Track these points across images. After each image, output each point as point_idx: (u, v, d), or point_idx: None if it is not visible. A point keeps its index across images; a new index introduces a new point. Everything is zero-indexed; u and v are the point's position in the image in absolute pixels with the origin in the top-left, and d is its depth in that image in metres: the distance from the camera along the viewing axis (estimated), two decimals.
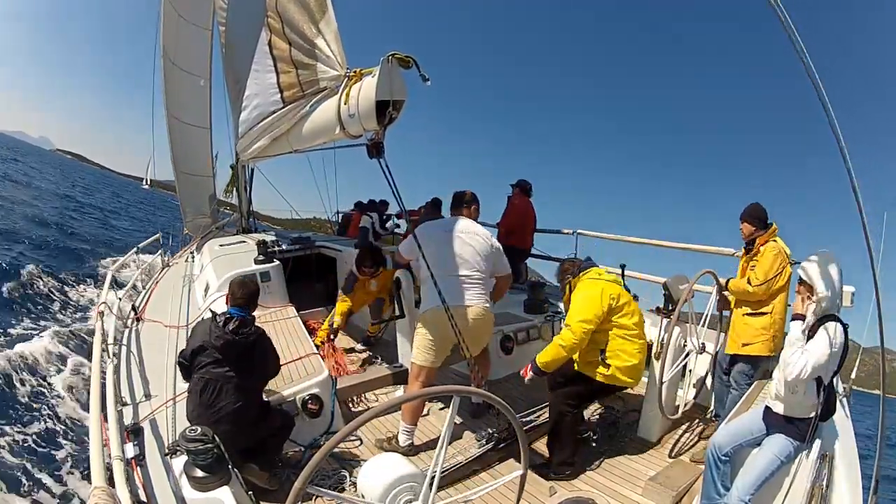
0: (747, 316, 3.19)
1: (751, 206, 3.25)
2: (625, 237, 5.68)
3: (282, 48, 3.25)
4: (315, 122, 3.12)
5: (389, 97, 2.47)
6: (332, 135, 2.96)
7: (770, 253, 3.10)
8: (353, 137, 2.81)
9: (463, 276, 3.00)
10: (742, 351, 3.14)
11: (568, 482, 2.91)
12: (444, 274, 2.91)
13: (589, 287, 3.03)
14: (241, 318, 2.57)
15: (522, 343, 4.41)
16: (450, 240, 3.06)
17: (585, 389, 3.07)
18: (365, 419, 1.53)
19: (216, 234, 7.63)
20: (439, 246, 3.02)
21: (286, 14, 3.13)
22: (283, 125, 3.45)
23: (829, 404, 2.27)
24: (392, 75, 2.46)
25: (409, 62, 2.43)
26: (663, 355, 3.20)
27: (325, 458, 1.43)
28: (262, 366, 2.66)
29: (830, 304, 2.25)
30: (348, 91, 2.70)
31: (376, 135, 2.58)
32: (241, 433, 2.47)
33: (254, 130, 3.83)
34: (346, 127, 2.76)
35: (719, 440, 2.48)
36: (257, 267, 4.70)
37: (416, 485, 1.79)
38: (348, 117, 2.70)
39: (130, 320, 4.43)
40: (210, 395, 2.46)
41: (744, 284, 3.16)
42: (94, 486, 1.70)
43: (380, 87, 2.45)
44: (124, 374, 3.27)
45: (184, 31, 7.08)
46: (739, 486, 2.25)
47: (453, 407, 1.68)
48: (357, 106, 2.61)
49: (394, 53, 2.43)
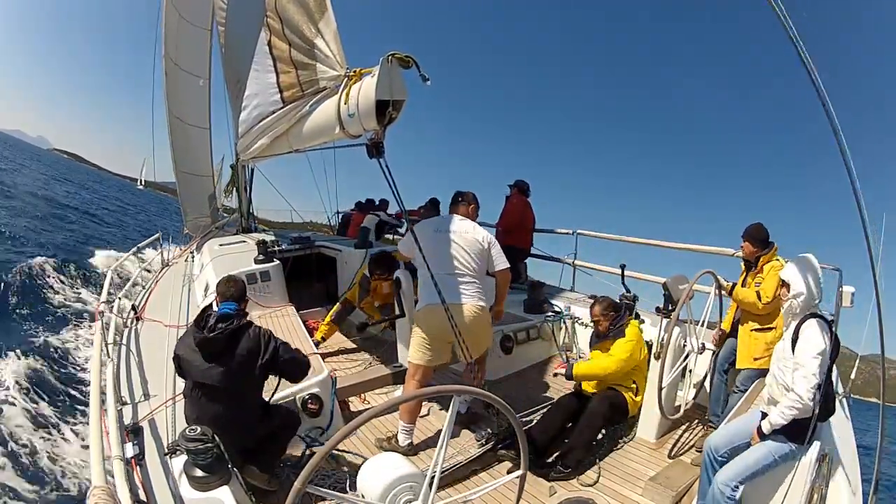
0: (755, 332, 3.23)
1: (752, 226, 3.36)
2: (624, 237, 5.68)
3: (281, 48, 3.26)
4: (315, 121, 3.12)
5: (389, 97, 2.47)
6: (332, 134, 2.96)
7: (775, 272, 3.15)
8: (353, 137, 2.81)
9: (456, 274, 2.98)
10: (754, 365, 3.18)
11: (568, 482, 2.91)
12: (439, 272, 2.89)
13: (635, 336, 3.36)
14: (221, 314, 2.39)
15: (522, 343, 4.41)
16: (441, 238, 3.04)
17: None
18: (364, 419, 1.53)
19: (216, 234, 7.64)
20: (432, 243, 2.99)
21: (285, 14, 3.13)
22: (282, 125, 3.45)
23: (827, 404, 2.28)
24: (392, 75, 2.46)
25: (409, 62, 2.43)
26: (663, 355, 3.20)
27: (324, 458, 1.43)
28: (249, 360, 2.35)
29: (808, 303, 2.36)
30: (348, 91, 2.70)
31: (376, 134, 2.58)
32: (235, 437, 2.34)
33: (254, 130, 3.84)
34: (346, 127, 2.76)
35: (715, 441, 2.48)
36: (257, 266, 4.70)
37: (416, 485, 1.79)
38: (348, 117, 2.70)
39: (130, 320, 4.43)
40: (198, 397, 2.35)
41: (753, 297, 3.20)
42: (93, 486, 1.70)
43: (380, 86, 2.45)
44: (124, 374, 3.27)
45: (184, 31, 7.10)
46: (727, 471, 2.27)
47: (453, 407, 1.68)
48: (357, 106, 2.61)
49: (394, 53, 2.43)
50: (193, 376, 2.36)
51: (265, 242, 5.04)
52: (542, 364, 4.54)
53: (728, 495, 2.20)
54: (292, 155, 3.90)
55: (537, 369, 4.44)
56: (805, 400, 2.14)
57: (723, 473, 2.27)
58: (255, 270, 4.61)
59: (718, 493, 2.23)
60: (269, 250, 5.00)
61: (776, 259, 3.25)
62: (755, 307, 3.20)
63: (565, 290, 5.74)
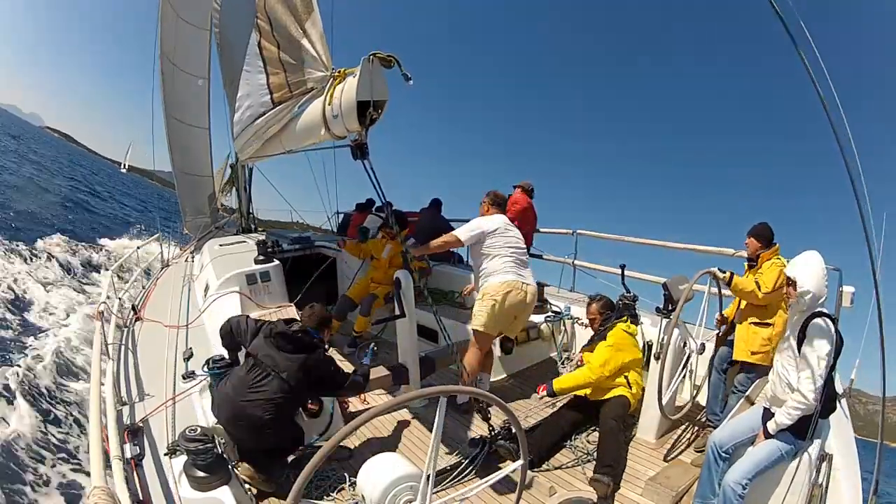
0: (754, 325, 3.27)
1: (759, 224, 3.41)
2: (624, 237, 5.68)
3: (270, 49, 3.21)
4: (303, 122, 3.08)
5: (370, 97, 2.43)
6: (319, 136, 2.92)
7: (775, 266, 3.22)
8: (339, 138, 2.77)
9: (524, 260, 3.55)
10: (751, 359, 3.22)
11: (567, 482, 2.90)
12: (515, 254, 3.48)
13: (617, 339, 3.38)
14: (306, 330, 2.67)
15: (522, 343, 4.41)
16: (510, 229, 3.58)
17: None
18: (364, 420, 1.53)
19: (216, 234, 7.63)
20: (505, 233, 3.52)
21: (274, 14, 3.09)
22: (274, 126, 3.42)
23: (828, 401, 2.28)
24: (373, 75, 2.41)
25: (392, 61, 2.39)
26: (663, 356, 3.20)
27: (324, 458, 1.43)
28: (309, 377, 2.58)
29: (814, 301, 2.32)
30: (332, 92, 2.66)
31: (359, 136, 2.54)
32: (257, 433, 2.43)
33: (247, 131, 3.82)
34: (331, 128, 2.73)
35: (720, 437, 2.49)
36: (257, 267, 4.69)
37: (416, 484, 1.79)
38: (332, 118, 2.66)
39: (130, 320, 4.42)
40: (254, 377, 2.46)
41: (752, 285, 3.22)
42: (93, 486, 1.69)
43: (360, 86, 2.41)
44: (124, 374, 3.27)
45: (183, 31, 7.09)
46: (737, 470, 2.28)
47: (441, 409, 1.67)
48: (340, 106, 2.57)
49: (375, 53, 2.38)
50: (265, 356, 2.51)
51: (265, 243, 5.04)
52: (542, 365, 4.55)
53: (739, 493, 2.24)
54: (292, 155, 3.90)
55: (537, 369, 4.44)
56: (810, 401, 2.17)
57: (732, 472, 2.29)
58: (254, 270, 4.61)
59: (730, 492, 2.25)
60: (269, 250, 4.99)
61: (777, 257, 3.29)
62: (754, 296, 3.22)
63: (565, 291, 5.74)
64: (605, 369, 3.23)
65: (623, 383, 3.31)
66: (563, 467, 3.04)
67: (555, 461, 3.10)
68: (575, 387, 3.27)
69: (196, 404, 2.81)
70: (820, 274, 2.34)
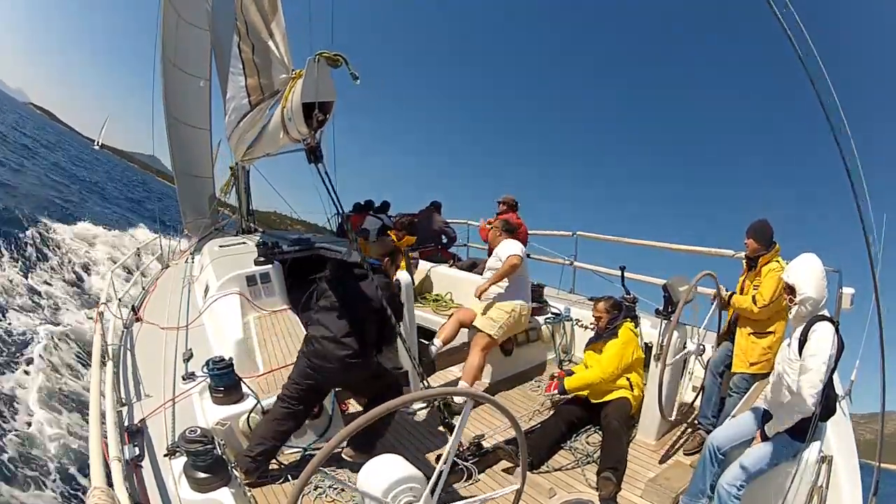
0: (753, 335, 3.19)
1: (758, 222, 3.25)
2: (624, 239, 5.68)
3: (246, 51, 3.18)
4: (272, 126, 3.02)
5: (315, 99, 2.35)
6: (280, 139, 2.85)
7: (775, 274, 3.09)
8: (297, 142, 2.68)
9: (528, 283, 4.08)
10: (749, 370, 3.15)
11: (567, 484, 2.90)
12: (528, 279, 4.08)
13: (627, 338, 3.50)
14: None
15: (522, 345, 4.40)
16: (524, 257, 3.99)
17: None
18: (364, 421, 1.52)
19: (216, 235, 7.61)
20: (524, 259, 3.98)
21: (248, 16, 3.03)
22: (251, 130, 3.40)
23: (828, 404, 2.28)
24: (319, 76, 2.33)
25: (339, 61, 2.30)
26: (663, 357, 3.19)
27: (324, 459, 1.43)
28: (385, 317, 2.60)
29: (815, 306, 2.29)
30: (287, 94, 2.59)
31: (310, 138, 2.44)
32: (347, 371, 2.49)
33: (234, 133, 3.80)
34: (289, 131, 2.65)
35: (718, 437, 2.49)
36: (257, 268, 4.68)
37: (417, 486, 1.79)
38: (288, 121, 2.59)
39: (130, 321, 4.41)
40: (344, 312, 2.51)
41: (749, 303, 3.17)
42: (93, 487, 1.69)
43: (305, 88, 2.35)
44: (123, 375, 3.26)
45: (184, 31, 7.08)
46: (732, 472, 2.27)
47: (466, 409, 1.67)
48: (291, 109, 2.51)
49: (321, 53, 2.31)
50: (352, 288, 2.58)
51: (265, 243, 5.03)
52: (542, 366, 4.54)
53: (734, 495, 2.23)
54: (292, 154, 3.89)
55: (537, 371, 4.44)
56: (809, 404, 2.14)
57: (728, 474, 2.28)
58: (254, 272, 4.60)
59: (724, 494, 2.24)
60: (269, 251, 4.98)
61: (776, 261, 3.19)
62: (752, 313, 3.16)
63: (565, 292, 5.73)
64: (619, 365, 3.32)
65: (625, 385, 3.32)
66: (562, 469, 3.04)
67: (554, 463, 3.10)
68: (586, 385, 3.34)
69: (196, 405, 2.80)
70: (819, 277, 2.31)
